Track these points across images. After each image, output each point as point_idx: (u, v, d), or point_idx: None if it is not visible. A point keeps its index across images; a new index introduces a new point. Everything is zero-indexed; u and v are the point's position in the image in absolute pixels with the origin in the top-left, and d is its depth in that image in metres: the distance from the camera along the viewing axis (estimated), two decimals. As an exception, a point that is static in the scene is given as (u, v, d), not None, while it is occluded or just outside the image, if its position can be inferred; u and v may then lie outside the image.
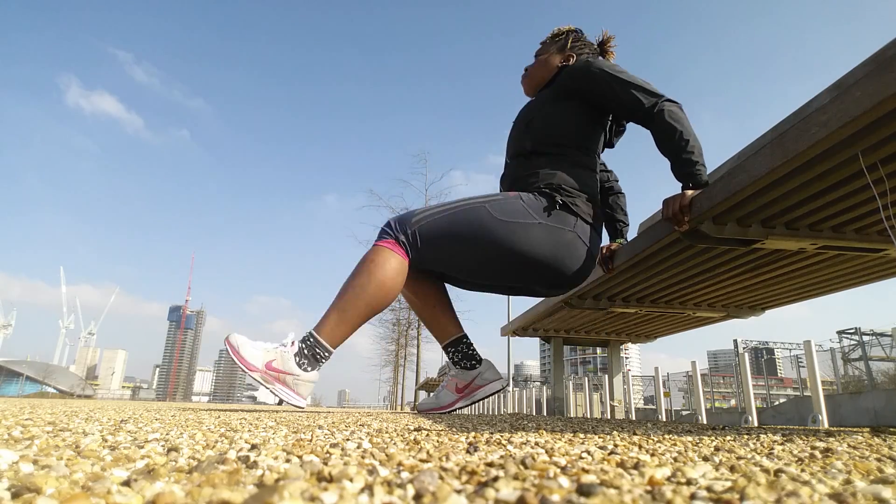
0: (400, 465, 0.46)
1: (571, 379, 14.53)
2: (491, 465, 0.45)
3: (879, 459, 0.58)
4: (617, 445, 0.70)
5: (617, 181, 1.93)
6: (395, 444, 0.67)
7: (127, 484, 0.37)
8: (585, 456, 0.56)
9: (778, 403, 12.90)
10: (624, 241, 1.85)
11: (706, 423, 2.36)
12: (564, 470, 0.44)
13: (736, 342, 14.26)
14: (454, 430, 0.96)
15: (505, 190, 1.66)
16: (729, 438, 0.85)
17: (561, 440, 0.77)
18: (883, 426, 1.49)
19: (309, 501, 0.31)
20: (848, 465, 0.52)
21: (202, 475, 0.40)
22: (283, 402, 1.48)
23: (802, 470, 0.48)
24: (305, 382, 1.50)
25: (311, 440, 0.71)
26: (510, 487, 0.35)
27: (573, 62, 1.71)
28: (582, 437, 0.84)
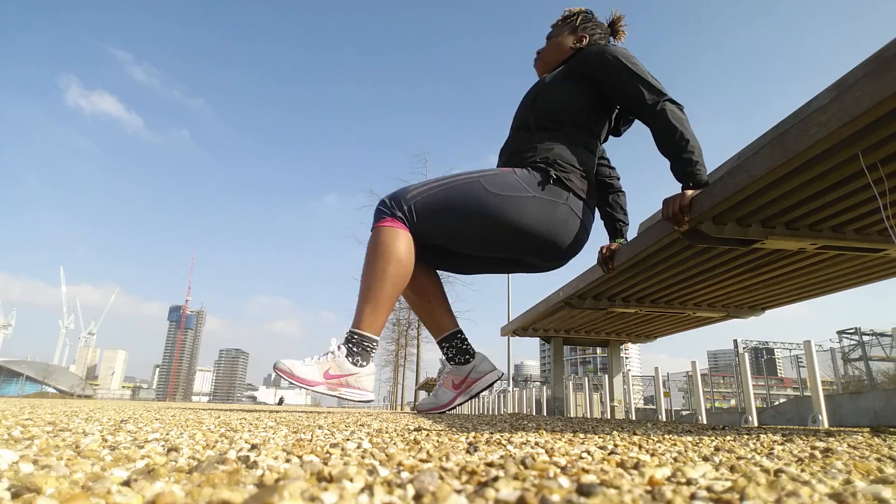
0: (400, 465, 0.46)
1: (571, 379, 14.53)
2: (491, 465, 0.45)
3: (879, 459, 0.58)
4: (617, 445, 0.70)
5: (618, 178, 1.92)
6: (395, 444, 0.67)
7: (127, 484, 0.37)
8: (585, 456, 0.56)
9: (778, 403, 12.89)
10: (624, 240, 1.85)
11: (706, 423, 2.36)
12: (564, 470, 0.44)
13: (736, 342, 14.24)
14: (454, 430, 0.96)
15: (503, 160, 1.70)
16: (729, 438, 0.85)
17: (561, 440, 0.77)
18: (883, 426, 1.49)
19: (309, 501, 0.31)
20: (848, 465, 0.52)
21: (202, 475, 0.40)
22: (325, 399, 1.53)
23: (802, 470, 0.48)
24: (367, 376, 1.59)
25: (311, 440, 0.71)
26: (510, 487, 0.35)
27: (586, 42, 1.74)
28: (582, 437, 0.84)
